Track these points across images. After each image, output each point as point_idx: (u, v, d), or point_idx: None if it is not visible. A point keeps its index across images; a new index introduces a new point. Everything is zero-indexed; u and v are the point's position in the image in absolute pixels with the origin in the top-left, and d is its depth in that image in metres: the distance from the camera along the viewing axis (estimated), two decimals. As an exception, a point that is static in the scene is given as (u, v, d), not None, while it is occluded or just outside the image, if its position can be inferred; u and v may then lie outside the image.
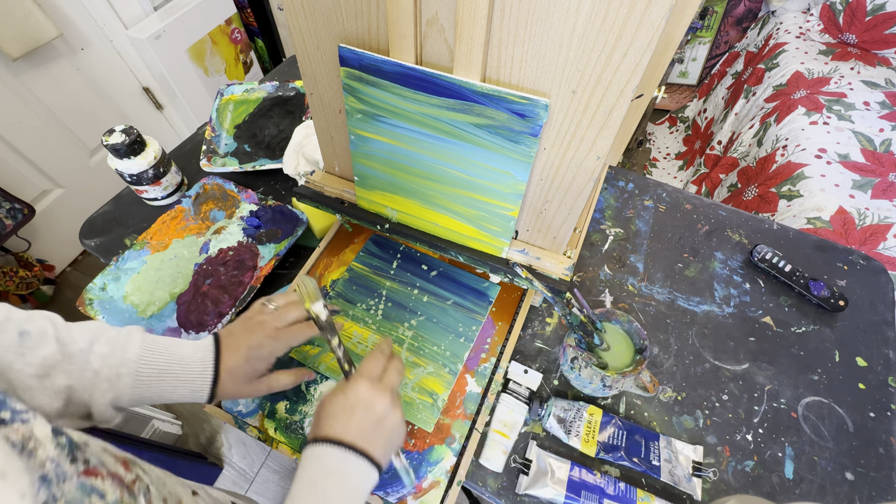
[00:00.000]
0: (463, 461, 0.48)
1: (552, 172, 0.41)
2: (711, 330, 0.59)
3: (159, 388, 0.39)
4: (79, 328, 0.37)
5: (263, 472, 1.19)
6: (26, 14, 1.10)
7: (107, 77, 1.41)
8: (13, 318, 0.33)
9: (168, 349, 0.40)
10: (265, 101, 0.86)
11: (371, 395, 0.39)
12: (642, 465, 0.48)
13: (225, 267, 0.64)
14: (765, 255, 0.63)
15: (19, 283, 1.32)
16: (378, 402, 0.39)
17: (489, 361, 0.54)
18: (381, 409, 0.39)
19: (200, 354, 0.41)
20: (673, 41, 0.45)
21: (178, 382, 0.39)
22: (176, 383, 0.39)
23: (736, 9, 1.71)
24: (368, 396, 0.39)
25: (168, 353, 0.40)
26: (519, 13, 0.32)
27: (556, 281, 0.48)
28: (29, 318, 0.34)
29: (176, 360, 0.40)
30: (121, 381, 0.37)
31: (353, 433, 0.37)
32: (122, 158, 0.64)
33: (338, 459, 0.36)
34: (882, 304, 0.61)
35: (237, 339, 0.43)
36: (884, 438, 0.51)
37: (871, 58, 1.34)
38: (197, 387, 0.40)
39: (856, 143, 1.12)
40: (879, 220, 0.96)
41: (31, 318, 0.34)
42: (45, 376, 0.33)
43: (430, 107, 0.40)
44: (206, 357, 0.41)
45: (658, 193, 0.73)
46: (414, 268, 0.61)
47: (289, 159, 0.67)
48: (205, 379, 0.40)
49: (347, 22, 0.39)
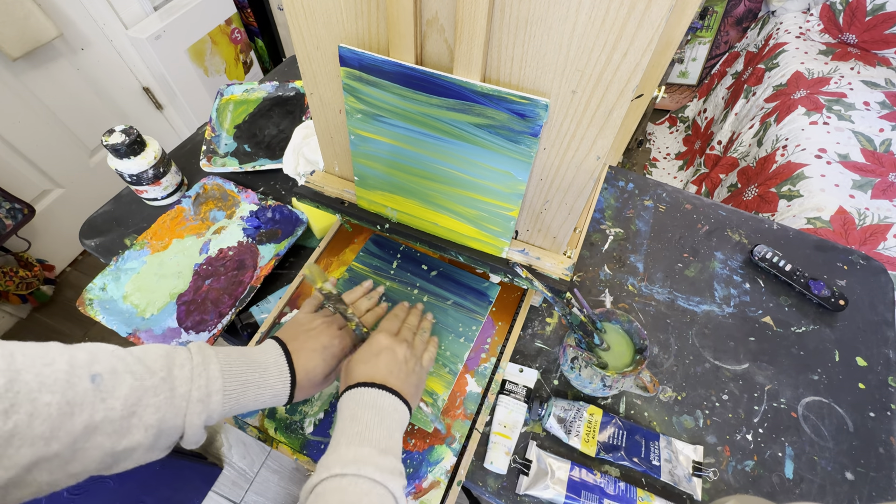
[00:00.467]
0: (463, 461, 0.48)
1: (552, 172, 0.41)
2: (711, 330, 0.59)
3: (245, 399, 0.38)
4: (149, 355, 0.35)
5: (263, 472, 1.19)
6: (26, 14, 1.10)
7: (107, 77, 1.41)
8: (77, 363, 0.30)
9: (242, 359, 0.39)
10: (265, 101, 0.86)
11: (391, 343, 0.44)
12: (642, 464, 0.48)
13: (225, 267, 0.64)
14: (765, 255, 0.63)
15: (19, 283, 1.32)
16: (399, 349, 0.44)
17: (489, 361, 0.54)
18: (402, 354, 0.44)
19: (272, 359, 0.42)
20: (673, 41, 0.45)
21: (260, 390, 0.39)
22: (258, 391, 0.39)
23: (736, 9, 1.71)
24: (389, 343, 0.44)
25: (245, 363, 0.39)
26: (519, 13, 0.32)
27: (556, 281, 0.48)
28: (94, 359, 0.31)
29: (253, 368, 0.40)
30: (212, 399, 0.36)
31: (382, 373, 0.41)
32: (122, 158, 0.64)
33: (372, 396, 0.39)
34: (882, 304, 0.61)
35: (303, 342, 0.44)
36: (884, 438, 0.51)
37: (871, 58, 1.34)
38: (278, 391, 0.41)
39: (856, 143, 1.12)
40: (879, 220, 0.96)
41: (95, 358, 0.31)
42: (131, 415, 0.31)
43: (430, 107, 0.40)
44: (279, 361, 0.42)
45: (658, 193, 0.73)
46: (414, 268, 0.61)
47: (289, 159, 0.67)
48: (284, 382, 0.41)
49: (347, 22, 0.39)
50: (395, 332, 0.47)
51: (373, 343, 0.44)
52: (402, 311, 0.52)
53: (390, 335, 0.45)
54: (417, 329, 0.51)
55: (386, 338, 0.45)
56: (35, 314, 1.46)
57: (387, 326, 0.48)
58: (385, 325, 0.48)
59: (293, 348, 0.43)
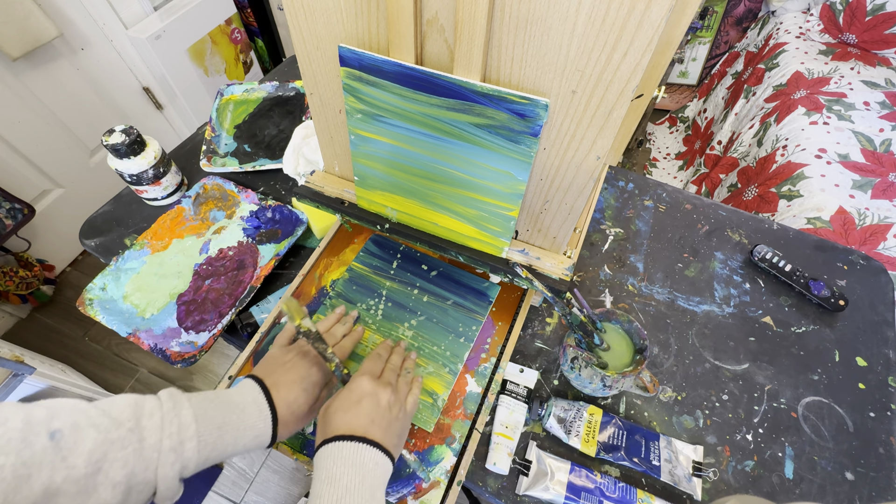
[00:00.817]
0: (463, 461, 0.48)
1: (552, 172, 0.41)
2: (711, 330, 0.59)
3: (223, 444, 0.36)
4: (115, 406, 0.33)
5: (263, 472, 1.19)
6: (26, 14, 1.10)
7: (107, 77, 1.41)
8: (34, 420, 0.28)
9: (217, 401, 0.37)
10: (265, 101, 0.86)
11: (374, 388, 0.41)
12: (642, 465, 0.48)
13: (225, 267, 0.64)
14: (765, 255, 0.63)
15: (19, 283, 1.32)
16: (382, 394, 0.41)
17: (489, 361, 0.54)
18: (385, 400, 0.41)
19: (251, 397, 0.39)
20: (673, 41, 0.45)
21: (240, 432, 0.37)
22: (238, 433, 0.37)
23: (736, 9, 1.71)
24: (372, 389, 0.41)
25: (221, 405, 0.37)
26: (519, 13, 0.32)
27: (556, 281, 0.48)
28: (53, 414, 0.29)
29: (230, 409, 0.37)
30: (185, 446, 0.33)
31: (363, 423, 0.38)
32: (122, 158, 0.64)
33: (352, 452, 0.37)
34: (882, 304, 0.61)
35: (280, 376, 0.42)
36: (884, 438, 0.51)
37: (871, 58, 1.34)
38: (259, 430, 0.38)
39: (856, 143, 1.12)
40: (879, 220, 0.96)
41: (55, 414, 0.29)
42: (96, 472, 0.29)
43: (430, 107, 0.40)
44: (257, 398, 0.39)
45: (658, 193, 0.73)
46: (414, 268, 0.61)
47: (289, 159, 0.67)
48: (265, 420, 0.39)
49: (347, 22, 0.39)
50: (377, 374, 0.44)
51: (354, 388, 0.41)
52: (385, 350, 0.49)
53: (373, 378, 0.42)
54: (401, 369, 0.48)
55: (368, 382, 0.42)
56: (35, 314, 1.46)
57: (369, 368, 0.45)
58: (367, 367, 0.45)
59: (271, 383, 0.41)
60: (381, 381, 0.43)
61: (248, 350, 0.54)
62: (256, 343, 0.55)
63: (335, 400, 0.41)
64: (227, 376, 0.53)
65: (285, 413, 0.40)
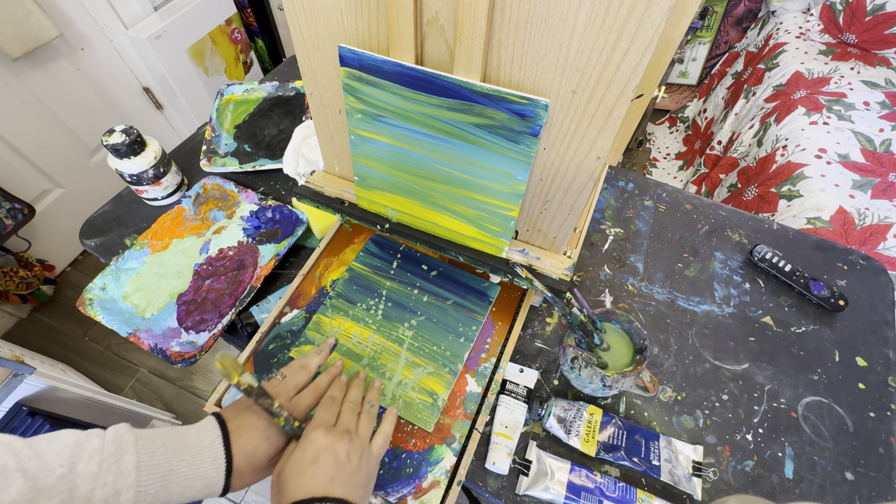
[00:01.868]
0: (463, 461, 0.48)
1: (552, 172, 0.41)
2: (711, 330, 0.59)
3: (167, 494, 0.33)
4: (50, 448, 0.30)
5: (263, 472, 1.19)
6: (26, 14, 1.11)
7: (107, 77, 1.41)
8: None
9: (168, 444, 0.35)
10: (265, 101, 0.87)
11: (330, 441, 0.37)
12: (642, 464, 0.48)
13: (225, 267, 0.64)
14: (765, 255, 0.63)
15: (19, 283, 1.32)
16: (339, 446, 0.37)
17: (489, 361, 0.54)
18: (343, 452, 0.37)
19: (207, 441, 0.36)
20: (673, 41, 0.45)
21: (188, 481, 0.34)
22: (185, 482, 0.34)
23: (736, 9, 1.71)
24: (327, 443, 0.37)
25: (171, 449, 0.34)
26: (519, 13, 0.32)
27: (556, 281, 0.48)
28: None
29: (181, 455, 0.34)
30: (120, 498, 0.31)
31: (322, 482, 0.35)
32: (122, 158, 0.64)
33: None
34: (882, 304, 0.61)
35: (247, 418, 0.39)
36: (884, 438, 0.51)
37: (871, 58, 1.34)
38: (210, 480, 0.35)
39: (856, 143, 1.12)
40: (879, 220, 0.96)
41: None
42: None
43: (430, 107, 0.40)
44: (214, 443, 0.36)
45: (658, 193, 0.73)
46: (414, 268, 0.61)
47: (289, 159, 0.67)
48: (218, 469, 0.35)
49: (347, 22, 0.39)
50: (332, 422, 0.40)
51: (307, 446, 0.37)
52: (340, 390, 0.44)
53: (327, 430, 0.38)
54: (363, 406, 0.44)
55: (323, 435, 0.37)
56: (35, 314, 1.46)
57: (322, 417, 0.40)
58: (320, 417, 0.40)
59: (234, 427, 0.38)
60: (336, 430, 0.39)
61: (248, 350, 0.54)
62: (256, 343, 0.55)
63: (287, 463, 0.37)
64: None
65: (241, 463, 0.37)
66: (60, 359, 1.32)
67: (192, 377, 1.36)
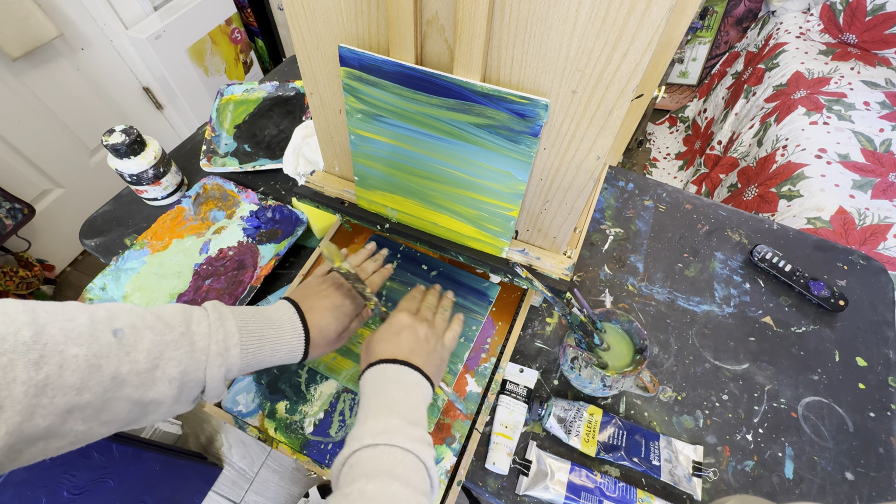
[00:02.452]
0: (463, 461, 0.48)
1: (552, 172, 0.41)
2: (711, 330, 0.59)
3: (262, 354, 0.39)
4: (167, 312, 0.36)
5: (263, 472, 1.19)
6: (26, 14, 1.10)
7: (107, 77, 1.41)
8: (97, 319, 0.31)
9: (256, 317, 0.40)
10: (265, 101, 0.86)
11: (412, 321, 0.44)
12: (642, 464, 0.48)
13: (225, 267, 0.64)
14: (765, 255, 0.63)
15: (19, 283, 1.32)
16: (419, 327, 0.44)
17: (489, 361, 0.54)
18: (423, 333, 0.43)
19: (287, 316, 0.42)
20: (673, 41, 0.45)
21: (276, 346, 0.40)
22: (274, 346, 0.40)
23: (736, 9, 1.71)
24: (409, 322, 0.44)
25: (260, 320, 0.40)
26: (519, 13, 0.32)
27: (556, 281, 0.48)
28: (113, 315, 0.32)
29: (269, 324, 0.41)
30: (230, 353, 0.37)
31: (404, 350, 0.41)
32: (122, 158, 0.64)
33: (396, 371, 0.39)
34: (882, 304, 0.61)
35: (315, 302, 0.45)
36: (884, 438, 0.51)
37: (871, 58, 1.34)
38: (293, 347, 0.41)
39: (856, 143, 1.12)
40: (879, 220, 0.96)
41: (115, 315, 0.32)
42: (154, 368, 0.32)
43: (430, 107, 0.40)
44: (293, 318, 0.42)
45: (658, 193, 0.73)
46: (414, 268, 0.61)
47: (289, 159, 0.67)
48: (299, 339, 0.42)
49: (347, 22, 0.39)
50: (414, 311, 0.47)
51: (393, 322, 0.44)
52: (419, 292, 0.52)
53: (410, 314, 0.45)
54: (437, 308, 0.50)
55: (406, 316, 0.44)
56: (35, 314, 1.46)
57: (406, 306, 0.47)
58: (404, 305, 0.48)
59: (305, 307, 0.44)
60: (418, 316, 0.45)
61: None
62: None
63: (376, 332, 0.44)
64: None
65: (316, 336, 0.43)
66: (60, 359, 1.32)
67: (192, 377, 1.36)
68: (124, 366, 0.31)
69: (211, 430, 1.24)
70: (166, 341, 0.34)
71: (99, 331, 0.30)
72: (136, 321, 0.33)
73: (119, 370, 0.30)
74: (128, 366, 0.31)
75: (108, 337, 0.31)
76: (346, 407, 0.52)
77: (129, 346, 0.32)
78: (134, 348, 0.32)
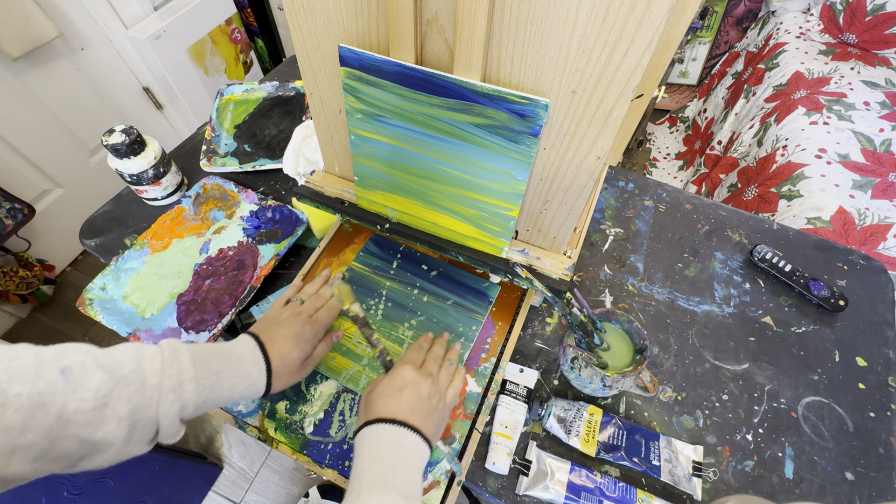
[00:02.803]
0: (463, 461, 0.48)
1: (552, 172, 0.41)
2: (711, 330, 0.59)
3: (220, 389, 0.38)
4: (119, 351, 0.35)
5: (263, 472, 1.19)
6: (26, 14, 1.10)
7: (107, 77, 1.41)
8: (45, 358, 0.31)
9: (214, 351, 0.40)
10: (265, 101, 0.86)
11: (416, 377, 0.43)
12: (642, 464, 0.48)
13: (225, 267, 0.64)
14: (765, 255, 0.63)
15: (19, 282, 1.32)
16: (423, 384, 0.43)
17: (489, 361, 0.54)
18: (426, 390, 0.43)
19: (247, 349, 0.42)
20: (673, 41, 0.45)
21: (236, 379, 0.40)
22: (234, 380, 0.39)
23: (736, 9, 1.71)
24: (414, 377, 0.43)
25: (218, 354, 0.40)
26: (519, 13, 0.32)
27: (556, 281, 0.48)
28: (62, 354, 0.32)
29: (227, 358, 0.40)
30: (184, 388, 0.36)
31: (404, 410, 0.40)
32: (122, 158, 0.64)
33: (394, 434, 0.38)
34: (882, 304, 0.61)
35: (275, 332, 0.45)
36: (884, 438, 0.51)
37: (871, 58, 1.34)
38: (254, 379, 0.41)
39: (856, 143, 1.12)
40: (879, 220, 0.96)
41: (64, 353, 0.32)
42: (103, 406, 0.31)
43: (430, 107, 0.40)
44: (253, 350, 0.42)
45: (658, 193, 0.73)
46: (414, 268, 0.61)
47: (289, 159, 0.67)
48: (260, 370, 0.41)
49: (347, 22, 0.39)
50: (419, 363, 0.46)
51: (396, 376, 0.43)
52: (427, 342, 0.51)
53: (415, 368, 0.44)
54: (443, 360, 0.49)
55: (411, 371, 0.43)
56: (35, 314, 1.46)
57: (411, 357, 0.47)
58: (409, 356, 0.47)
59: (266, 338, 0.44)
60: (422, 371, 0.45)
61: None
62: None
63: (377, 386, 0.43)
64: None
65: (279, 365, 0.43)
66: (60, 359, 1.32)
67: (192, 377, 1.36)
68: (71, 404, 0.30)
69: (211, 430, 1.24)
70: (116, 378, 0.33)
71: (45, 369, 0.30)
72: (85, 359, 0.32)
73: (65, 408, 0.29)
74: (74, 404, 0.30)
75: (55, 375, 0.30)
76: (346, 407, 0.52)
77: (77, 383, 0.31)
78: (81, 386, 0.31)
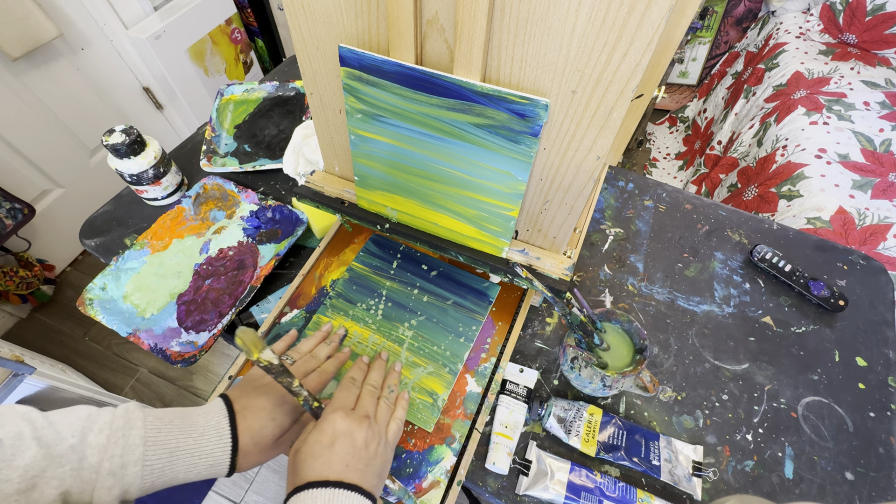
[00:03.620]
0: (463, 461, 0.48)
1: (552, 172, 0.41)
2: (711, 330, 0.59)
3: (173, 471, 0.34)
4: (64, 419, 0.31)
5: (263, 471, 1.19)
6: (26, 14, 1.10)
7: (107, 77, 1.41)
8: None
9: (175, 423, 0.35)
10: (265, 101, 0.87)
11: (348, 425, 0.37)
12: (642, 464, 0.48)
13: (225, 267, 0.64)
14: (765, 255, 0.63)
15: (19, 283, 1.32)
16: (357, 431, 0.37)
17: (489, 361, 0.54)
18: (361, 438, 0.37)
19: (214, 421, 0.37)
20: (673, 41, 0.45)
21: (194, 458, 0.35)
22: (192, 460, 0.35)
23: (736, 9, 1.71)
24: (346, 427, 0.37)
25: (178, 427, 0.35)
26: (519, 13, 0.32)
27: (556, 281, 0.48)
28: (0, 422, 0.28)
29: (187, 433, 0.35)
30: (127, 471, 0.32)
31: (337, 468, 0.34)
32: (122, 158, 0.64)
33: (327, 499, 0.33)
34: (882, 304, 0.61)
35: (252, 400, 0.39)
36: (884, 438, 0.51)
37: (871, 58, 1.34)
38: (216, 458, 0.35)
39: (856, 143, 1.12)
40: (879, 220, 0.96)
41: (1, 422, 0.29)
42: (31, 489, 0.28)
43: (430, 107, 0.40)
44: (220, 423, 0.36)
45: (658, 193, 0.73)
46: (414, 268, 0.61)
47: (289, 159, 0.67)
48: (223, 448, 0.36)
49: (347, 22, 0.39)
50: (352, 405, 0.40)
51: (325, 429, 0.37)
52: (360, 372, 0.45)
53: (346, 414, 0.38)
54: (382, 389, 0.44)
55: (342, 419, 0.37)
56: (35, 314, 1.46)
57: (342, 400, 0.40)
58: (340, 399, 0.40)
59: (240, 407, 0.38)
60: (356, 414, 0.38)
61: (248, 350, 0.54)
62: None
63: (305, 443, 0.36)
64: (227, 376, 0.53)
65: (248, 442, 0.37)
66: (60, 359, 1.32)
67: (192, 377, 1.36)
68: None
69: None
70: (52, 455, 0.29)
71: None
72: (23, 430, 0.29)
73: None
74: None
75: None
76: (346, 407, 0.52)
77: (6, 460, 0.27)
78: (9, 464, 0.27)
